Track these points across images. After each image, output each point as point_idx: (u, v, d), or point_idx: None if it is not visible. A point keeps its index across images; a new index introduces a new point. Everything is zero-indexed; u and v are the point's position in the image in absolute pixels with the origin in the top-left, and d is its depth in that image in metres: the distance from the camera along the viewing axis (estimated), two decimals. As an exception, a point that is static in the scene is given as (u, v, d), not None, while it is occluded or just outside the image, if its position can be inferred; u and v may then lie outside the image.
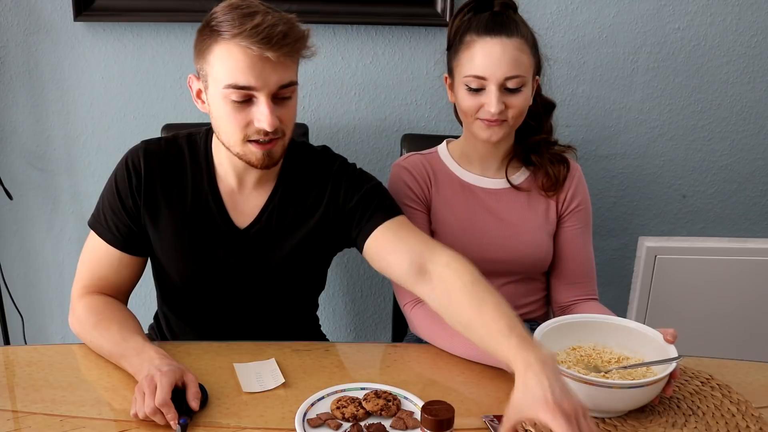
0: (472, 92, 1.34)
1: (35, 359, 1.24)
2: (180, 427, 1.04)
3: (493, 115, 1.32)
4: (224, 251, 1.31)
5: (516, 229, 1.43)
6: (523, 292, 1.47)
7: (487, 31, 1.32)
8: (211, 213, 1.30)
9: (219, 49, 1.15)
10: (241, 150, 1.21)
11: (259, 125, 1.17)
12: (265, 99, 1.16)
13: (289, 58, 1.16)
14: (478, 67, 1.32)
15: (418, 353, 1.31)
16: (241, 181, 1.30)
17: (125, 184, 1.29)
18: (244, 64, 1.13)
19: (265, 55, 1.12)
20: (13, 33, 1.78)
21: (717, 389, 1.18)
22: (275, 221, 1.31)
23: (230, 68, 1.14)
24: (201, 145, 1.32)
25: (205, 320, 1.40)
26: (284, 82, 1.17)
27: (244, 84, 1.14)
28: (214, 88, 1.18)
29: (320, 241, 1.34)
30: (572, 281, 1.46)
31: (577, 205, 1.46)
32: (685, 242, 2.05)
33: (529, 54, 1.34)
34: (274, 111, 1.16)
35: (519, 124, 1.39)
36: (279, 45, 1.12)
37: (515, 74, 1.31)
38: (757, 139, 1.96)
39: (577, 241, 1.46)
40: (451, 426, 0.93)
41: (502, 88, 1.32)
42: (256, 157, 1.21)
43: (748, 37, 1.87)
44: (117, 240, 1.29)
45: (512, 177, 1.45)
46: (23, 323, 1.98)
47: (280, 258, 1.32)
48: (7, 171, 1.89)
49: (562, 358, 1.18)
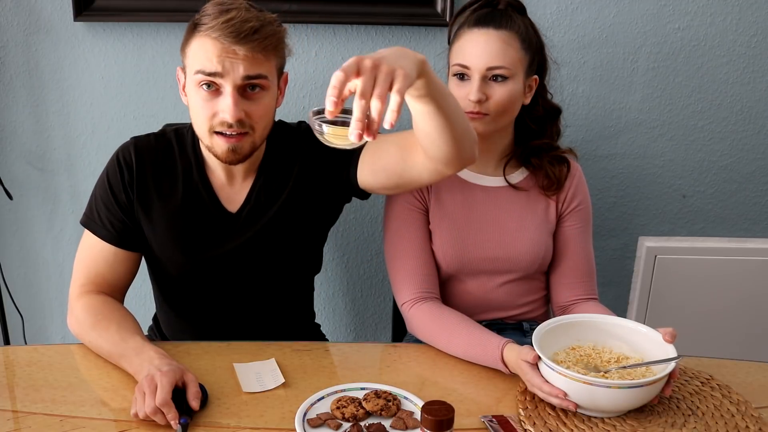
0: (458, 82, 1.36)
1: (35, 359, 1.24)
2: (181, 426, 1.04)
3: (473, 105, 1.33)
4: (218, 237, 1.33)
5: (514, 227, 1.43)
6: (522, 291, 1.47)
7: (476, 24, 1.35)
8: (202, 201, 1.32)
9: (195, 41, 1.21)
10: (209, 142, 1.24)
11: (223, 116, 1.19)
12: (231, 90, 1.18)
13: (260, 53, 1.19)
14: (462, 56, 1.35)
15: (418, 353, 1.31)
16: (229, 174, 1.33)
17: (117, 179, 1.31)
18: (212, 53, 1.18)
19: (233, 48, 1.16)
20: (13, 33, 1.78)
21: (717, 389, 1.18)
22: (264, 200, 1.33)
23: (201, 57, 1.19)
24: (188, 138, 1.35)
25: (203, 314, 1.40)
26: (251, 73, 1.19)
27: (210, 70, 1.18)
28: (189, 78, 1.22)
29: (310, 210, 1.36)
30: (572, 281, 1.46)
31: (577, 205, 1.46)
32: (685, 242, 2.05)
33: (518, 48, 1.34)
34: (239, 103, 1.19)
35: (505, 120, 1.39)
36: (247, 39, 1.16)
37: (497, 64, 1.32)
38: (757, 139, 1.96)
39: (577, 241, 1.46)
40: (451, 426, 0.93)
41: (484, 78, 1.33)
42: (221, 149, 1.23)
43: (748, 37, 1.86)
44: (111, 236, 1.31)
45: (510, 176, 1.45)
46: (23, 323, 1.98)
47: (274, 235, 1.34)
48: (7, 171, 1.89)
49: (562, 358, 1.18)
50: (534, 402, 1.14)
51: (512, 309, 1.47)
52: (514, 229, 1.43)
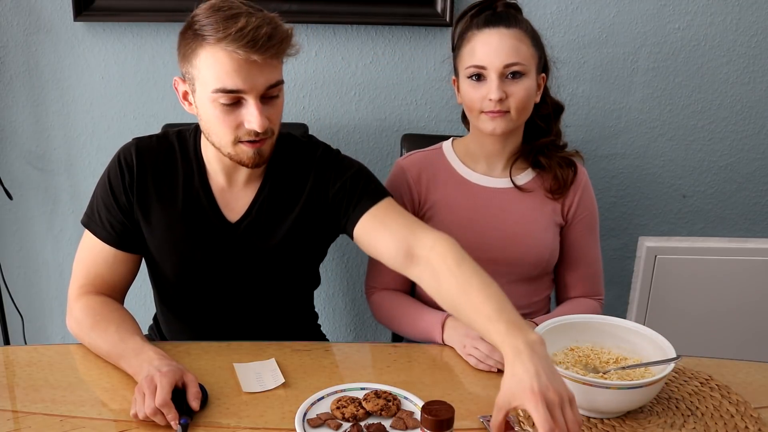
0: (474, 83, 1.36)
1: (35, 359, 1.24)
2: (181, 427, 1.04)
3: (495, 104, 1.33)
4: (216, 245, 1.32)
5: (519, 229, 1.43)
6: (527, 291, 1.47)
7: (486, 24, 1.35)
8: (202, 208, 1.31)
9: (205, 54, 1.16)
10: (232, 151, 1.22)
11: (250, 126, 1.18)
12: (254, 101, 1.17)
13: (276, 59, 1.18)
14: (477, 57, 1.35)
15: (418, 353, 1.31)
16: (230, 179, 1.32)
17: (118, 180, 1.30)
18: (231, 68, 1.14)
19: (252, 58, 1.13)
20: (13, 33, 1.78)
21: (716, 390, 1.18)
22: (265, 213, 1.32)
23: (218, 72, 1.15)
24: (191, 142, 1.33)
25: (202, 318, 1.40)
26: (272, 82, 1.18)
27: (232, 88, 1.15)
28: (202, 92, 1.19)
29: (309, 230, 1.34)
30: (577, 283, 1.47)
31: (582, 212, 1.46)
32: (685, 242, 2.05)
33: (530, 45, 1.35)
34: (263, 112, 1.18)
35: (524, 118, 1.39)
36: (265, 47, 1.13)
37: (514, 61, 1.33)
38: (757, 139, 1.96)
39: (583, 245, 1.47)
40: (451, 426, 0.93)
41: (502, 77, 1.33)
42: (247, 156, 1.22)
43: (748, 37, 1.86)
44: (112, 237, 1.30)
45: (517, 177, 1.45)
46: (23, 323, 1.98)
47: (271, 249, 1.33)
48: (7, 171, 1.89)
49: (561, 358, 1.18)
50: (534, 402, 1.14)
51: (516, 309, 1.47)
52: (519, 232, 1.43)
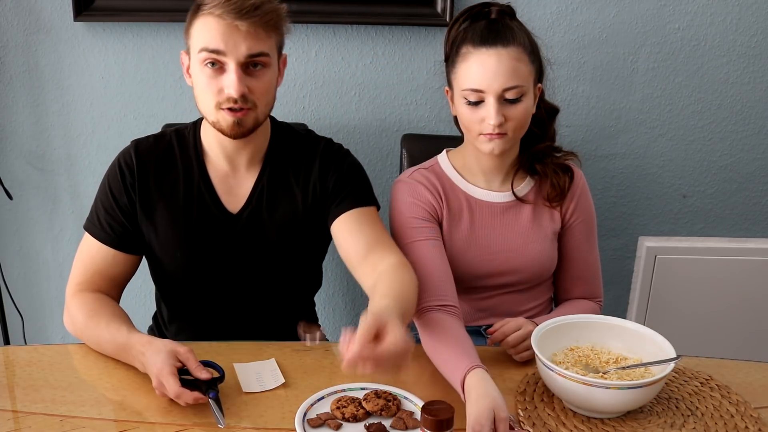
0: (471, 106, 1.31)
1: (35, 359, 1.24)
2: (212, 401, 1.09)
3: (493, 128, 1.29)
4: (218, 237, 1.34)
5: (521, 242, 1.42)
6: (528, 297, 1.47)
7: (482, 42, 1.29)
8: (203, 200, 1.34)
9: (198, 21, 1.24)
10: (214, 117, 1.26)
11: (228, 92, 1.22)
12: (235, 66, 1.22)
13: (261, 29, 1.22)
14: (474, 80, 1.29)
15: (418, 353, 1.31)
16: (232, 163, 1.34)
17: (118, 182, 1.33)
18: (216, 31, 1.21)
19: (235, 23, 1.19)
20: (13, 33, 1.78)
21: (716, 390, 1.18)
22: (265, 203, 1.34)
23: (205, 35, 1.22)
24: (190, 137, 1.37)
25: (203, 316, 1.41)
26: (254, 51, 1.22)
27: (214, 48, 1.21)
28: (194, 57, 1.25)
29: (310, 223, 1.36)
30: (576, 286, 1.47)
31: (579, 216, 1.45)
32: (685, 242, 2.05)
33: (528, 62, 1.30)
34: (242, 79, 1.22)
35: (521, 135, 1.37)
36: (249, 15, 1.20)
37: (513, 85, 1.28)
38: (757, 139, 1.96)
39: (580, 248, 1.46)
40: (451, 426, 0.93)
41: (500, 100, 1.28)
42: (227, 123, 1.25)
43: (748, 37, 1.86)
44: (110, 238, 1.32)
45: (518, 188, 1.42)
46: (23, 323, 1.98)
47: (273, 240, 1.35)
48: (7, 171, 1.89)
49: (561, 358, 1.18)
50: (533, 402, 1.14)
51: (516, 314, 1.46)
52: (520, 244, 1.42)
